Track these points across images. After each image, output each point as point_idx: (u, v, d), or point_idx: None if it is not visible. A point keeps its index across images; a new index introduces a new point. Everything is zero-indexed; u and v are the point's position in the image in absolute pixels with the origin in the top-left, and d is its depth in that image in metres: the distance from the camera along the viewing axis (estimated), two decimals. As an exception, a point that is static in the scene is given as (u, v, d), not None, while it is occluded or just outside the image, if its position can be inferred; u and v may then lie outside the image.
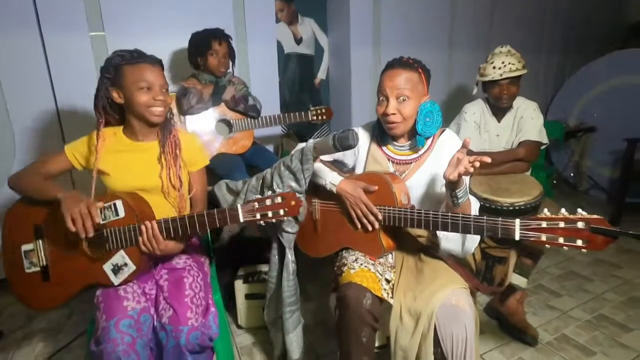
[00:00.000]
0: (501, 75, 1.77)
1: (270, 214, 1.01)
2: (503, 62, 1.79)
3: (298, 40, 2.89)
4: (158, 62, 1.18)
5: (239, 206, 1.02)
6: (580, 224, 0.85)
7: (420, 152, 1.24)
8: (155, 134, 1.23)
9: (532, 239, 0.91)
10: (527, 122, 1.83)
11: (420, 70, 1.19)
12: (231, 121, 1.93)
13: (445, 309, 1.04)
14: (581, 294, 1.98)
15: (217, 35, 1.88)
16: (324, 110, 2.10)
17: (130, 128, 1.21)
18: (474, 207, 1.12)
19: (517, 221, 0.93)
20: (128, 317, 1.05)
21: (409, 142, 1.26)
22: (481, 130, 1.94)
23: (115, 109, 1.21)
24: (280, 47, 2.76)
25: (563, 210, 0.89)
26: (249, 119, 1.96)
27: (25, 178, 1.17)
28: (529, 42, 3.56)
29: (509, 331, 1.67)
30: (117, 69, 1.13)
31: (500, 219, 0.95)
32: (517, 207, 1.55)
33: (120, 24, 2.06)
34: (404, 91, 1.15)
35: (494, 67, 1.80)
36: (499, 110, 1.90)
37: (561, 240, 0.87)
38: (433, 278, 1.13)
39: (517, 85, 1.82)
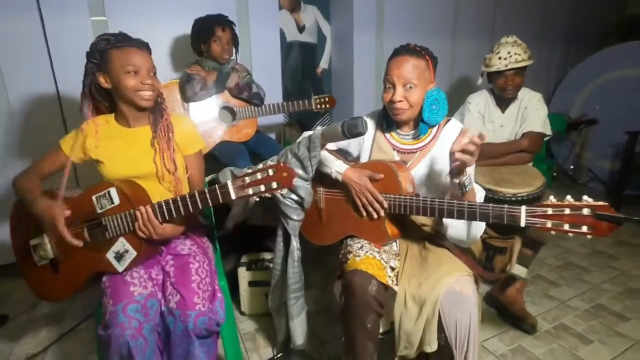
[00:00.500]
0: (506, 65, 1.76)
1: (262, 187, 0.96)
2: (509, 53, 1.78)
3: (301, 28, 2.86)
4: (145, 45, 1.15)
5: (229, 182, 0.98)
6: (585, 211, 0.86)
7: (426, 141, 1.24)
8: (147, 118, 1.22)
9: (537, 225, 0.92)
10: (531, 112, 1.83)
11: (427, 58, 1.17)
12: (234, 109, 1.93)
13: (449, 296, 1.05)
14: (579, 284, 2.00)
15: (220, 21, 1.86)
16: (327, 99, 2.08)
17: (121, 114, 1.20)
18: (480, 195, 1.13)
19: (523, 207, 0.94)
20: (135, 302, 1.06)
21: (414, 130, 1.26)
22: (485, 120, 1.94)
23: (103, 95, 1.19)
24: (282, 35, 2.73)
25: (569, 197, 0.90)
26: (252, 107, 1.95)
27: (23, 182, 1.18)
28: (531, 33, 3.53)
29: (508, 319, 1.70)
30: (103, 53, 1.11)
31: (506, 205, 0.96)
32: (519, 198, 1.56)
33: (122, 9, 2.03)
34: (411, 79, 1.13)
35: (499, 58, 1.80)
36: (504, 101, 1.90)
37: (566, 226, 0.88)
38: (437, 265, 1.14)
39: (522, 76, 1.81)
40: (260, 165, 0.97)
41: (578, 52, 4.04)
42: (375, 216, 1.18)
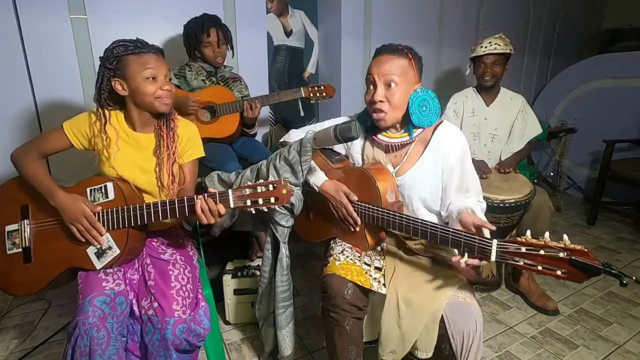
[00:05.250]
0: (484, 51, 1.93)
1: (261, 201, 0.99)
2: (490, 42, 1.95)
3: (288, 33, 2.84)
4: (160, 52, 1.15)
5: (229, 191, 1.00)
6: (562, 254, 0.79)
7: (416, 133, 1.15)
8: (153, 126, 1.20)
9: (509, 261, 0.87)
10: (531, 116, 2.02)
11: (410, 56, 1.11)
12: (215, 107, 1.85)
13: (455, 307, 1.02)
14: (562, 290, 2.03)
15: (204, 26, 1.79)
16: (323, 88, 1.89)
17: (129, 117, 1.18)
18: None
19: (495, 242, 0.89)
20: (104, 295, 1.03)
21: (403, 129, 1.19)
22: (464, 115, 2.08)
23: (115, 100, 1.17)
24: (269, 38, 2.70)
25: (547, 235, 0.84)
26: (233, 103, 1.85)
27: (25, 159, 1.12)
28: (514, 44, 3.59)
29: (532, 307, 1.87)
30: (119, 59, 1.09)
31: (477, 237, 0.92)
32: (507, 204, 1.58)
33: (103, 7, 1.95)
34: (393, 77, 1.07)
35: (481, 47, 1.96)
36: (488, 95, 2.05)
37: (540, 267, 0.82)
38: (434, 273, 1.12)
39: (501, 67, 1.96)
40: (262, 180, 1.01)
41: (558, 63, 4.17)
42: (352, 229, 1.17)
